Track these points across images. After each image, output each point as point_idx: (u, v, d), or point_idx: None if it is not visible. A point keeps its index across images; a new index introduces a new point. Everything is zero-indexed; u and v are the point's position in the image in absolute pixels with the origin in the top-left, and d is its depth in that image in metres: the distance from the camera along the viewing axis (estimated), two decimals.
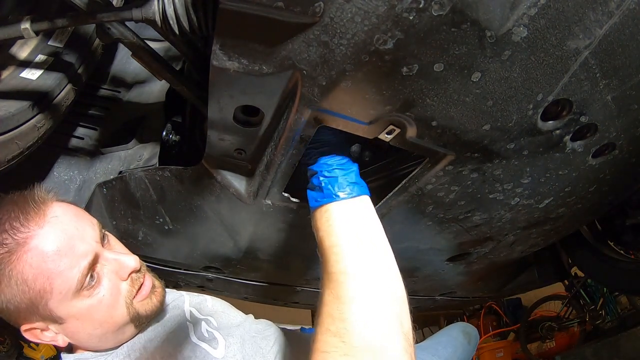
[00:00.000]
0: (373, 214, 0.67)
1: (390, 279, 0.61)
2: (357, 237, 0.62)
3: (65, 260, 0.65)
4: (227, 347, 0.81)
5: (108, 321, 0.71)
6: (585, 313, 3.97)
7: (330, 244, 0.63)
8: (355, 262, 0.60)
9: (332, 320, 0.57)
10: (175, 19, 0.57)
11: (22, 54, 0.83)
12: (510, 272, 1.73)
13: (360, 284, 0.58)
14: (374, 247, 0.63)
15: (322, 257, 0.65)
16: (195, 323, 0.86)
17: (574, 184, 0.83)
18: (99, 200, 1.03)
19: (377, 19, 0.45)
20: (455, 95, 0.56)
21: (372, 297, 0.57)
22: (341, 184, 0.65)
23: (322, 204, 0.66)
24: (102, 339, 0.73)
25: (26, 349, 3.60)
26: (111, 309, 0.70)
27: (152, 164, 0.97)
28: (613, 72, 0.58)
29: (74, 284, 0.65)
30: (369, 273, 0.60)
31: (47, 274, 0.64)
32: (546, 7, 0.47)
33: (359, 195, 0.66)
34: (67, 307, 0.67)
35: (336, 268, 0.60)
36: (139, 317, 0.75)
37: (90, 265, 0.68)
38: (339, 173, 0.67)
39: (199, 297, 0.99)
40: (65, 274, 0.65)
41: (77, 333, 0.71)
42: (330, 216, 0.65)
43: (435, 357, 1.28)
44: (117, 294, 0.72)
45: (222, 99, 0.59)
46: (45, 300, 0.65)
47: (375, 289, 0.59)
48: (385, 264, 0.62)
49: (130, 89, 1.14)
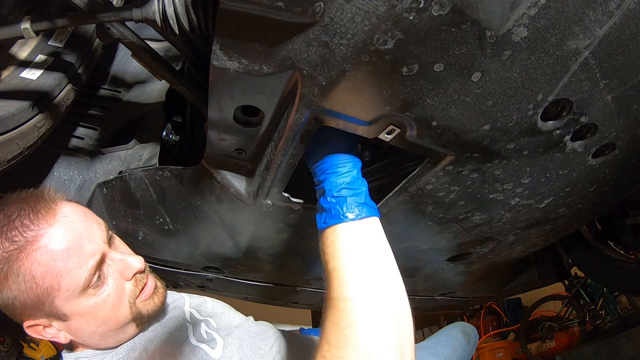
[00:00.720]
0: (381, 237, 0.64)
1: (393, 307, 0.58)
2: (361, 261, 0.60)
3: (74, 259, 0.66)
4: (225, 347, 0.81)
5: (111, 319, 0.72)
6: (585, 313, 3.97)
7: (334, 267, 0.61)
8: (357, 288, 0.58)
9: (328, 347, 0.55)
10: (175, 19, 0.57)
11: (22, 54, 0.83)
12: (510, 272, 1.73)
13: (359, 311, 0.56)
14: (379, 273, 0.60)
15: (326, 280, 0.63)
16: (195, 324, 0.86)
17: (574, 184, 0.83)
18: (99, 200, 1.03)
19: (377, 19, 0.45)
20: (455, 95, 0.56)
21: (370, 325, 0.55)
22: (349, 205, 0.63)
23: (329, 225, 0.64)
24: (104, 337, 0.74)
25: (26, 349, 3.60)
26: (115, 308, 0.71)
27: (152, 164, 0.97)
28: (613, 72, 0.58)
29: (81, 282, 0.66)
30: (370, 299, 0.57)
31: (55, 272, 0.64)
32: (546, 7, 0.47)
33: (368, 217, 0.64)
34: (72, 305, 0.68)
35: (337, 293, 0.59)
36: (141, 317, 0.76)
37: (98, 264, 0.69)
38: (347, 193, 0.64)
39: (199, 299, 0.99)
40: (74, 272, 0.66)
41: (80, 330, 0.71)
42: (336, 238, 0.63)
43: (434, 356, 1.28)
44: (122, 293, 0.72)
45: (222, 99, 0.59)
46: (52, 298, 0.66)
47: (376, 316, 0.56)
48: (390, 290, 0.59)
49: (130, 89, 1.14)
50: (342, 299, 0.57)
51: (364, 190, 0.66)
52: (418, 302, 1.84)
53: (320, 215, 0.67)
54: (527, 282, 1.77)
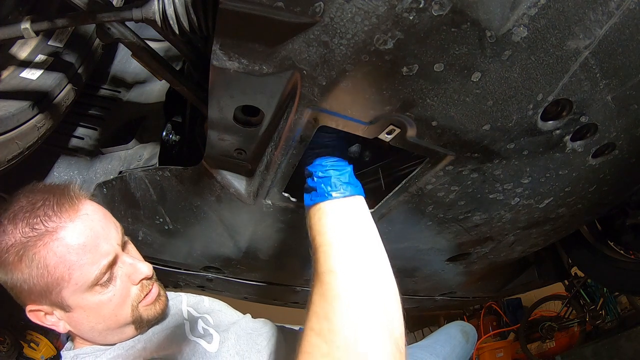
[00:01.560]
0: (366, 214, 0.66)
1: (380, 281, 0.59)
2: (348, 236, 0.62)
3: (88, 255, 0.68)
4: (221, 342, 0.82)
5: (112, 318, 0.73)
6: (585, 313, 3.97)
7: (321, 242, 0.62)
8: (344, 261, 0.59)
9: (316, 320, 0.56)
10: (175, 19, 0.57)
11: (22, 54, 0.83)
12: (510, 272, 1.73)
13: (347, 283, 0.57)
14: (365, 248, 0.62)
15: (313, 256, 0.64)
16: (192, 321, 0.87)
17: (574, 184, 0.83)
18: (99, 200, 1.02)
19: (377, 19, 0.45)
20: (455, 95, 0.56)
21: (358, 297, 0.56)
22: (334, 184, 0.66)
23: (315, 202, 0.66)
24: (102, 334, 0.75)
25: (26, 349, 3.60)
26: (118, 308, 0.73)
27: (152, 164, 0.97)
28: (613, 72, 0.58)
29: (91, 278, 0.69)
30: (357, 272, 0.58)
31: (68, 264, 0.67)
32: (546, 7, 0.47)
33: (353, 195, 0.66)
34: (78, 299, 0.70)
35: (324, 267, 0.60)
36: (141, 321, 0.77)
37: (110, 264, 0.71)
38: (333, 173, 0.67)
39: (196, 297, 1.00)
40: (86, 268, 0.68)
41: (80, 323, 0.73)
42: (323, 215, 0.65)
43: (433, 355, 1.28)
44: (126, 295, 0.75)
45: (222, 99, 0.59)
46: (61, 288, 0.68)
47: (363, 289, 0.57)
48: (376, 265, 0.61)
49: (130, 89, 1.14)
50: (329, 272, 0.59)
51: (348, 171, 0.69)
52: (418, 302, 1.84)
53: (307, 194, 0.69)
54: (527, 282, 1.77)
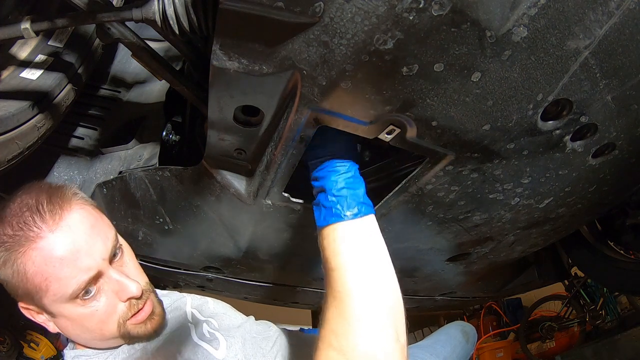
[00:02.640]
0: (377, 233, 0.68)
1: (391, 298, 0.64)
2: (362, 257, 0.65)
3: (66, 269, 0.65)
4: (228, 347, 0.81)
5: (96, 331, 0.72)
6: (585, 313, 3.96)
7: (337, 264, 0.65)
8: (360, 284, 0.63)
9: (335, 337, 0.61)
10: (175, 19, 0.57)
11: (22, 54, 0.83)
12: (510, 272, 1.73)
13: (364, 305, 0.62)
14: (378, 268, 0.65)
15: (327, 274, 0.67)
16: (197, 324, 0.87)
17: (574, 184, 0.83)
18: (99, 200, 1.03)
19: (377, 19, 0.45)
20: (455, 95, 0.56)
21: (374, 316, 0.61)
22: (350, 204, 0.66)
23: (329, 223, 0.67)
24: (90, 342, 0.75)
25: (26, 349, 3.60)
26: (102, 323, 0.71)
27: (152, 164, 0.97)
28: (613, 72, 0.58)
29: (68, 292, 0.66)
30: (372, 293, 0.63)
31: (45, 275, 0.65)
32: (546, 7, 0.47)
33: (366, 215, 0.67)
34: (59, 308, 0.68)
35: (342, 287, 0.63)
36: (130, 336, 0.75)
37: (90, 281, 0.68)
38: (347, 192, 0.67)
39: (200, 299, 0.99)
40: (63, 282, 0.66)
41: (65, 329, 0.72)
42: (337, 236, 0.66)
43: (433, 355, 1.28)
44: (112, 312, 0.71)
45: (222, 99, 0.59)
46: (40, 297, 0.67)
47: (378, 308, 0.62)
48: (388, 283, 0.65)
49: (130, 89, 1.14)
50: (347, 293, 0.63)
51: (362, 190, 0.69)
52: (418, 302, 1.84)
53: (319, 212, 0.69)
54: (527, 282, 1.77)
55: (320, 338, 0.63)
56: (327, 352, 0.61)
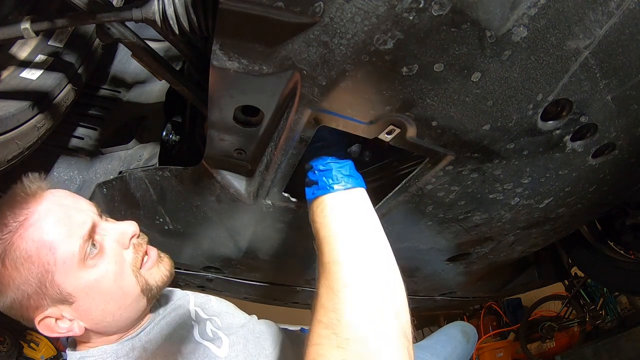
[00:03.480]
0: (368, 205, 0.67)
1: (385, 269, 0.60)
2: (351, 227, 0.62)
3: (64, 229, 0.67)
4: (231, 346, 0.81)
5: (117, 292, 0.71)
6: (585, 313, 3.97)
7: (325, 234, 0.63)
8: (348, 251, 0.59)
9: (324, 312, 0.56)
10: (175, 19, 0.57)
11: (22, 54, 0.83)
12: (510, 272, 1.73)
13: (352, 273, 0.57)
14: (369, 237, 0.62)
15: (317, 249, 0.65)
16: (200, 322, 0.87)
17: (574, 184, 0.83)
18: (99, 200, 1.03)
19: (377, 19, 0.45)
20: (455, 95, 0.56)
21: (364, 286, 0.56)
22: (335, 176, 0.66)
23: (317, 196, 0.67)
24: (117, 316, 0.72)
25: (26, 349, 3.60)
26: (119, 279, 0.71)
27: (152, 164, 0.97)
28: (613, 72, 0.58)
29: (76, 251, 0.66)
30: (362, 262, 0.59)
31: (48, 244, 0.65)
32: (546, 7, 0.47)
33: (354, 187, 0.66)
34: (73, 280, 0.67)
35: (329, 258, 0.60)
36: (150, 288, 0.75)
37: (90, 232, 0.69)
38: (334, 166, 0.68)
39: (203, 297, 1.00)
40: (66, 242, 0.66)
41: (90, 311, 0.70)
42: (325, 207, 0.65)
43: (434, 355, 1.28)
44: (122, 262, 0.72)
45: (222, 99, 0.59)
46: (52, 275, 0.65)
47: (368, 278, 0.57)
48: (380, 254, 0.61)
49: (130, 89, 1.14)
50: (335, 262, 0.59)
51: (349, 163, 0.69)
52: (418, 302, 1.84)
53: (309, 188, 0.69)
54: (527, 282, 1.77)
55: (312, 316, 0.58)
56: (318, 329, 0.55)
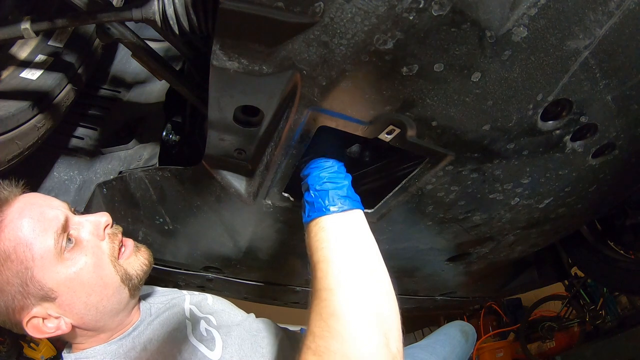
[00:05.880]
0: (364, 228, 0.65)
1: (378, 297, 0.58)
2: (345, 252, 0.60)
3: (38, 225, 0.68)
4: (224, 347, 0.81)
5: (98, 283, 0.72)
6: (585, 313, 3.96)
7: (318, 259, 0.61)
8: (341, 279, 0.58)
9: (312, 338, 0.55)
10: (175, 19, 0.57)
11: (22, 54, 0.83)
12: (510, 272, 1.73)
13: (344, 302, 0.56)
14: (363, 263, 0.60)
15: (311, 273, 0.63)
16: (194, 321, 0.86)
17: (574, 184, 0.83)
18: (99, 200, 1.03)
19: (377, 19, 0.45)
20: (455, 95, 0.56)
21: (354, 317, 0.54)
22: (332, 198, 0.64)
23: (312, 218, 0.65)
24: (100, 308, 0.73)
25: (26, 349, 3.60)
26: (98, 269, 0.72)
27: (152, 164, 0.97)
28: (613, 72, 0.58)
29: (51, 245, 0.68)
30: (354, 290, 0.57)
31: (24, 241, 0.67)
32: (546, 7, 0.47)
33: (351, 209, 0.65)
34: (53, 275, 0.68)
35: (322, 284, 0.59)
36: (129, 277, 0.76)
37: (63, 227, 0.71)
38: (330, 186, 0.66)
39: (199, 296, 0.99)
40: (41, 237, 0.68)
41: (72, 305, 0.71)
42: (320, 230, 0.63)
43: (433, 355, 1.28)
44: (100, 253, 0.74)
45: (222, 99, 0.59)
46: (31, 271, 0.67)
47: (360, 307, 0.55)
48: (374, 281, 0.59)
49: (130, 89, 1.14)
50: (325, 290, 0.58)
51: (346, 184, 0.67)
52: (418, 302, 1.84)
53: (304, 209, 0.68)
54: (527, 282, 1.77)
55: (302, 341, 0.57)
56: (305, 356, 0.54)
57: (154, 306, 0.89)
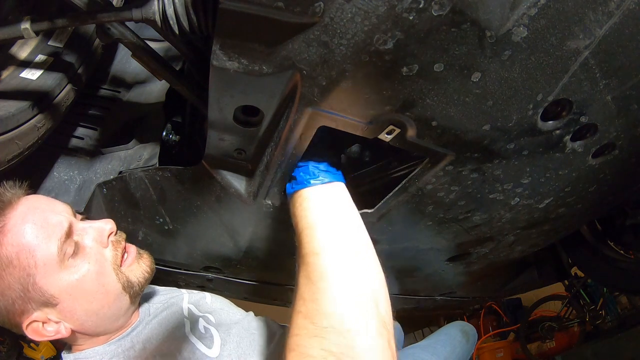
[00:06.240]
0: (347, 198, 0.67)
1: (363, 259, 0.59)
2: (329, 218, 0.63)
3: (41, 231, 0.68)
4: (222, 345, 0.81)
5: (100, 291, 0.72)
6: (585, 313, 3.96)
7: (303, 226, 0.63)
8: (326, 242, 0.59)
9: (302, 302, 0.56)
10: (175, 19, 0.57)
11: (22, 54, 0.83)
12: (510, 272, 1.73)
13: (330, 263, 0.57)
14: (347, 228, 0.62)
15: (296, 241, 0.65)
16: (193, 320, 0.87)
17: (574, 184, 0.83)
18: (99, 200, 1.03)
19: (377, 19, 0.45)
20: (455, 95, 0.56)
21: (342, 276, 0.56)
22: (313, 172, 0.68)
23: (295, 190, 0.68)
24: (101, 315, 0.73)
25: (26, 349, 3.60)
26: (100, 277, 0.72)
27: (152, 164, 0.97)
28: (613, 72, 0.58)
29: (55, 252, 0.68)
30: (340, 252, 0.58)
31: (27, 247, 0.66)
32: (546, 7, 0.47)
33: (332, 182, 0.67)
34: (55, 281, 0.68)
35: (307, 249, 0.60)
36: (131, 284, 0.76)
37: (67, 233, 0.70)
38: (312, 163, 0.69)
39: (198, 294, 1.00)
40: (44, 244, 0.67)
41: (74, 312, 0.71)
42: (304, 200, 0.66)
43: (434, 355, 1.28)
44: (103, 260, 0.74)
45: (222, 99, 0.59)
46: (33, 278, 0.67)
47: (346, 268, 0.57)
48: (358, 244, 0.61)
49: (130, 89, 1.14)
50: (312, 254, 0.59)
51: (326, 161, 0.70)
52: (418, 302, 1.84)
53: (289, 184, 0.71)
54: (527, 282, 1.77)
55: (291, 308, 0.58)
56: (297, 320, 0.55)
57: (152, 306, 0.89)
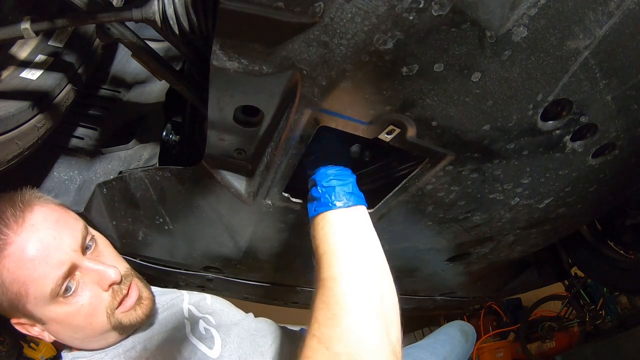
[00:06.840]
0: (368, 224, 0.67)
1: (380, 287, 0.60)
2: (349, 244, 0.63)
3: (40, 268, 0.66)
4: (223, 346, 0.81)
5: (87, 327, 0.72)
6: (585, 313, 3.96)
7: (324, 250, 0.63)
8: (345, 268, 0.60)
9: (318, 326, 0.58)
10: (175, 19, 0.57)
11: (22, 54, 0.83)
12: (510, 272, 1.73)
13: (347, 290, 0.58)
14: (366, 255, 0.63)
15: (316, 264, 0.66)
16: (193, 321, 0.87)
17: (574, 184, 0.83)
18: (99, 200, 1.02)
19: (377, 19, 0.45)
20: (455, 95, 0.56)
21: (357, 304, 0.57)
22: (338, 194, 0.66)
23: (318, 212, 0.67)
24: (85, 342, 0.74)
25: (26, 349, 3.60)
26: (90, 317, 0.71)
27: (152, 164, 0.97)
28: (613, 72, 0.58)
29: (47, 291, 0.67)
30: (357, 279, 0.59)
31: (22, 280, 0.65)
32: (546, 7, 0.47)
33: (355, 205, 0.67)
34: (44, 311, 0.68)
35: (327, 274, 0.61)
36: (122, 326, 0.75)
37: (66, 275, 0.68)
38: (336, 183, 0.68)
39: (198, 295, 1.00)
40: (39, 282, 0.66)
41: (58, 334, 0.72)
42: (326, 224, 0.66)
43: (433, 355, 1.28)
44: (98, 303, 0.72)
45: (222, 99, 0.59)
46: (23, 304, 0.67)
47: (363, 296, 0.58)
48: (376, 272, 0.62)
49: (130, 89, 1.14)
50: (331, 279, 0.60)
51: (351, 181, 0.69)
52: (418, 302, 1.84)
53: (311, 204, 0.70)
54: (527, 282, 1.77)
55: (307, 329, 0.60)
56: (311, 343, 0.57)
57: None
